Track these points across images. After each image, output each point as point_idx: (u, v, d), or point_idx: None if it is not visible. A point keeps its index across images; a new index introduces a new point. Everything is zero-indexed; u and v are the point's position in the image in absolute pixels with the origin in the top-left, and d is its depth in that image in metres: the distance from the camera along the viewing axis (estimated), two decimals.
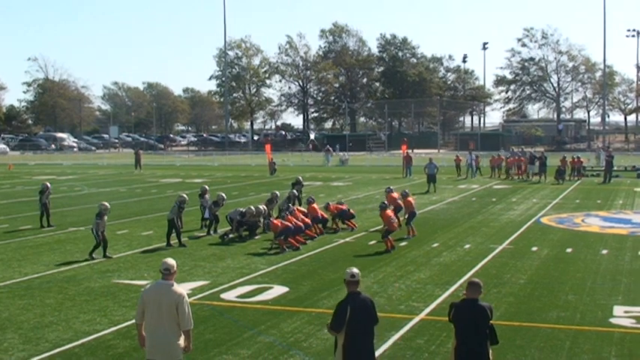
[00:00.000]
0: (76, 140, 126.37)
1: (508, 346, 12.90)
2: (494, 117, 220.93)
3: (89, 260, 21.74)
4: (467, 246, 23.84)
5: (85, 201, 38.96)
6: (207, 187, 29.32)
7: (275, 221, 23.83)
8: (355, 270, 10.02)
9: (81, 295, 17.39)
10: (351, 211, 28.37)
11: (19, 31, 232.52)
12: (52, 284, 18.55)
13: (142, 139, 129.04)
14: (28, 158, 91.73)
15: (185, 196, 25.19)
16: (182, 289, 10.22)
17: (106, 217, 22.56)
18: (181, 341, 10.00)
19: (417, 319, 15.04)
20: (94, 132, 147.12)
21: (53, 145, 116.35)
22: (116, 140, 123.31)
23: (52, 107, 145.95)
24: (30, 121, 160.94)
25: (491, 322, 9.76)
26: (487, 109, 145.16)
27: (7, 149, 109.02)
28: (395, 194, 29.14)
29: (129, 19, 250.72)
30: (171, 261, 10.20)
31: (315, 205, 26.79)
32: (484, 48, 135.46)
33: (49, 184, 30.80)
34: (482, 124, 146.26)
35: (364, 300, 9.91)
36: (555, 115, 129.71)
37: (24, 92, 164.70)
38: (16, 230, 28.09)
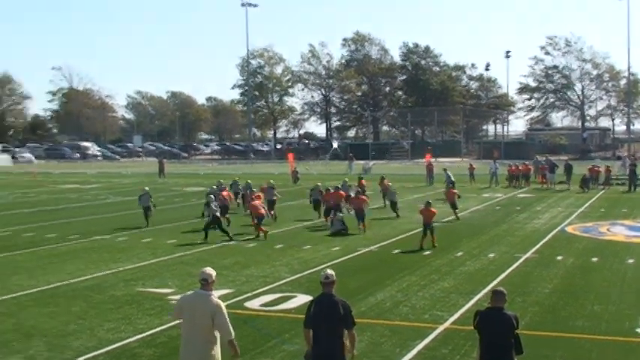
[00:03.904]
0: (100, 149, 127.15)
1: (533, 355, 12.76)
2: (517, 125, 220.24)
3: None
4: (491, 255, 23.72)
5: (110, 209, 39.19)
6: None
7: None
8: (330, 272, 10.09)
9: (105, 303, 17.47)
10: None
11: (44, 41, 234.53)
12: (76, 292, 18.65)
13: (166, 147, 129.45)
14: (53, 167, 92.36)
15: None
16: (219, 299, 10.21)
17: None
18: (215, 351, 10.00)
19: (441, 328, 14.97)
20: (118, 141, 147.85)
21: (77, 154, 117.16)
22: (140, 149, 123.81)
23: (77, 116, 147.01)
24: (55, 130, 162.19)
25: (516, 331, 9.68)
26: (510, 117, 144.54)
27: (33, 158, 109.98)
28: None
29: (153, 28, 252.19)
30: (209, 270, 10.20)
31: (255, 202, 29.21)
32: (507, 56, 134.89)
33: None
34: (505, 133, 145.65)
35: (335, 302, 9.86)
36: (580, 124, 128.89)
37: (49, 101, 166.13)
38: (42, 239, 28.27)
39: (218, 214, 27.70)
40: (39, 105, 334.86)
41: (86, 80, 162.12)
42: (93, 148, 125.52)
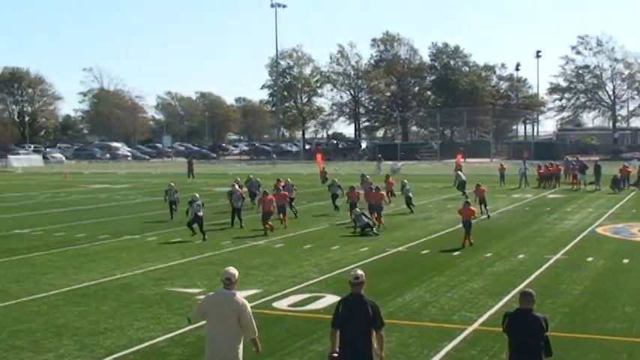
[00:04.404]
0: (130, 149, 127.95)
1: (563, 357, 12.68)
2: (547, 126, 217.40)
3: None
4: (520, 256, 23.58)
5: (139, 209, 39.45)
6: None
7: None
8: (359, 272, 10.08)
9: (135, 302, 17.59)
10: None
11: (75, 42, 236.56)
12: (107, 291, 18.79)
13: (195, 148, 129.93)
14: (83, 167, 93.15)
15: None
16: (243, 298, 10.29)
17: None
18: (240, 349, 10.12)
19: (470, 329, 14.91)
20: (148, 141, 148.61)
21: (108, 155, 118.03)
22: (169, 149, 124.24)
23: (107, 117, 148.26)
24: (85, 131, 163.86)
25: (546, 333, 9.62)
26: (541, 117, 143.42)
27: (63, 158, 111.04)
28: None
29: (182, 29, 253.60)
30: (232, 270, 10.29)
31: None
32: (537, 56, 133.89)
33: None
34: (535, 133, 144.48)
35: (364, 302, 9.82)
36: (611, 124, 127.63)
37: (79, 102, 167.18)
38: (72, 238, 28.51)
39: (200, 213, 28.09)
40: (70, 106, 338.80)
41: (116, 81, 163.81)
42: (123, 148, 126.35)
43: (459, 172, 47.64)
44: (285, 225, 30.90)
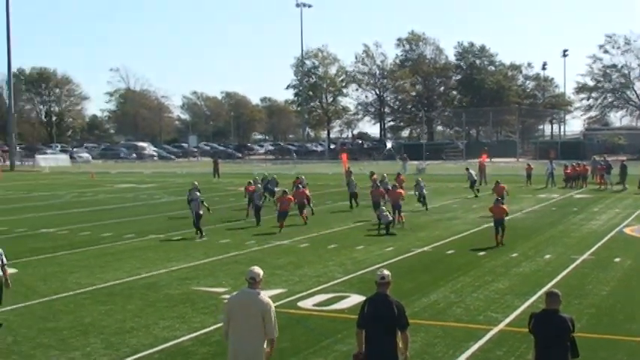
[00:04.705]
0: (156, 149, 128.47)
1: (590, 358, 12.57)
2: (574, 125, 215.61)
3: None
4: (547, 256, 23.43)
5: (165, 209, 39.60)
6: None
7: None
8: (386, 272, 10.04)
9: (161, 301, 17.66)
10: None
11: (102, 42, 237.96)
12: (133, 291, 18.88)
13: (221, 147, 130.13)
14: (110, 167, 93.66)
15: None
16: (268, 297, 10.22)
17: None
18: (263, 349, 10.04)
19: (495, 329, 14.83)
20: (174, 141, 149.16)
21: (134, 154, 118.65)
22: (195, 149, 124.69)
23: (133, 117, 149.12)
24: (112, 131, 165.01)
25: (572, 334, 9.54)
26: (567, 117, 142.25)
27: (90, 158, 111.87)
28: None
29: (208, 29, 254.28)
30: (257, 269, 10.23)
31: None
32: (564, 55, 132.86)
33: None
34: (562, 133, 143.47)
35: (389, 302, 9.78)
36: (639, 123, 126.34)
37: (106, 102, 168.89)
38: (98, 237, 28.67)
39: (201, 212, 28.33)
40: (96, 106, 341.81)
41: (142, 81, 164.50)
42: (149, 148, 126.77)
43: (471, 172, 47.17)
44: (305, 221, 32.02)
